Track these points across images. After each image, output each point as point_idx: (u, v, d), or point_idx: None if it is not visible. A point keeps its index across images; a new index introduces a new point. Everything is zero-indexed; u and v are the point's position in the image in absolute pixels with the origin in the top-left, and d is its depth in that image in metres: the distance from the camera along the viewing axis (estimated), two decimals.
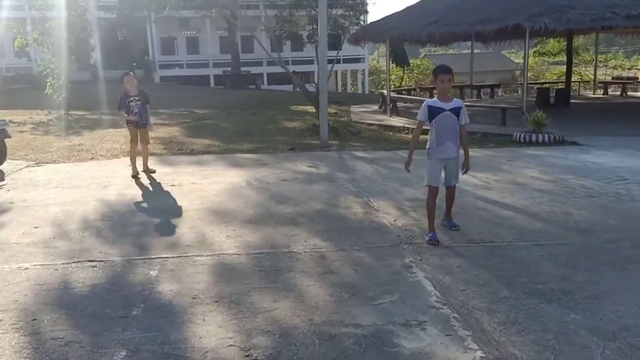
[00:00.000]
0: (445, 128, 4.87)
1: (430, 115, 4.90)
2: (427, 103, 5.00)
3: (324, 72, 9.72)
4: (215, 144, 10.65)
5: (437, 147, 4.95)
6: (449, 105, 4.88)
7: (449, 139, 4.91)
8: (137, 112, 7.38)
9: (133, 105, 7.37)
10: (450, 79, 4.98)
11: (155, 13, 30.10)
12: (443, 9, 13.20)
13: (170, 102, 21.01)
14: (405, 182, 7.07)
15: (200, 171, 7.91)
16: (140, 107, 7.41)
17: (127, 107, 7.36)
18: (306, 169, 8.03)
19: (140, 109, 7.40)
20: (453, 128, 4.91)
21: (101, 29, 35.44)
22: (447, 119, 4.85)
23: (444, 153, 4.95)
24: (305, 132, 12.32)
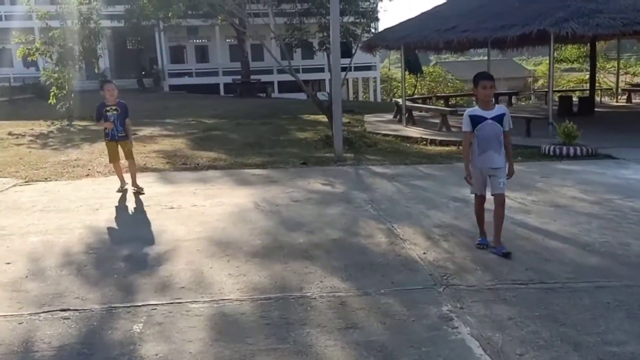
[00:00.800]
0: (488, 137, 4.61)
1: (472, 125, 4.66)
2: (468, 113, 4.74)
3: (337, 81, 8.97)
4: (222, 158, 9.92)
5: (479, 156, 4.68)
6: (491, 113, 4.63)
7: (491, 148, 4.63)
8: (113, 121, 6.82)
9: (109, 115, 6.82)
10: (492, 85, 4.67)
11: (163, 22, 29.73)
12: (460, 14, 12.42)
13: (178, 111, 20.41)
14: (430, 203, 6.27)
15: (204, 190, 7.16)
16: (117, 117, 6.84)
17: (103, 116, 6.85)
18: (320, 187, 7.26)
19: (116, 119, 6.83)
20: (496, 137, 4.63)
21: (110, 38, 35.09)
22: (490, 127, 4.60)
23: (487, 162, 4.67)
24: (318, 143, 11.56)
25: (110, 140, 6.94)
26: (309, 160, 9.43)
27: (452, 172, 8.16)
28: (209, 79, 34.50)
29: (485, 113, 4.60)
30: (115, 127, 6.84)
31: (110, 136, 6.91)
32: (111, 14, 29.85)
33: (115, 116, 6.83)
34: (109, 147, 7.01)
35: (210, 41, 36.70)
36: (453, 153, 10.34)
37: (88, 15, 19.16)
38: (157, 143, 11.77)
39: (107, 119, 6.81)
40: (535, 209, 6.02)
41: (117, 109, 6.84)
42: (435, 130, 12.96)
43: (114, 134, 6.88)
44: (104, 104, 6.84)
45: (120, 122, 6.86)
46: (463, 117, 4.74)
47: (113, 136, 6.90)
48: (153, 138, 12.57)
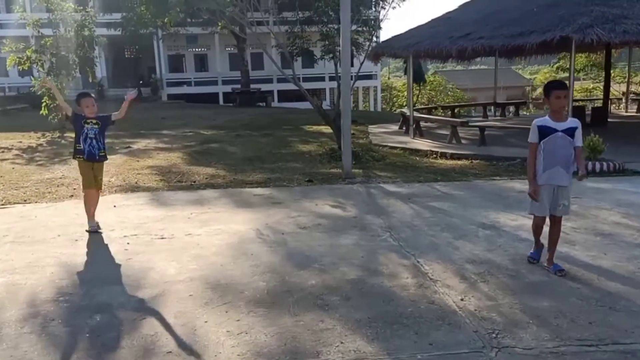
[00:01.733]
0: (556, 151, 4.22)
1: (540, 136, 4.26)
2: (536, 123, 4.32)
3: (347, 91, 8.19)
4: (220, 174, 9.12)
5: (544, 172, 4.28)
6: (563, 125, 4.22)
7: (559, 163, 4.24)
8: (93, 137, 5.58)
9: (88, 128, 5.56)
10: (566, 95, 4.32)
11: (162, 30, 29.01)
12: (474, 21, 11.67)
13: (176, 121, 19.61)
14: (457, 231, 5.46)
15: (200, 214, 6.35)
16: (98, 132, 5.61)
17: (79, 130, 5.59)
18: (329, 211, 6.45)
19: (97, 134, 5.61)
20: (565, 151, 4.24)
21: (107, 47, 34.35)
22: (559, 140, 4.21)
23: (552, 179, 4.27)
24: (323, 157, 10.76)
25: (86, 159, 5.60)
26: (314, 177, 8.63)
27: (472, 192, 7.36)
28: (208, 88, 33.74)
29: (557, 125, 4.20)
30: (96, 144, 5.63)
31: (88, 154, 5.58)
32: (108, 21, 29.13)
33: (96, 131, 5.61)
34: (84, 169, 5.67)
35: (209, 50, 35.97)
36: (467, 168, 9.55)
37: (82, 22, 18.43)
38: (151, 157, 10.95)
39: (84, 134, 5.55)
40: (579, 239, 5.21)
41: (97, 122, 5.64)
42: (445, 143, 12.18)
43: (92, 152, 5.60)
44: (81, 115, 5.61)
45: (102, 138, 5.68)
46: (531, 126, 4.32)
47: (91, 155, 5.60)
48: (147, 152, 11.76)
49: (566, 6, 10.52)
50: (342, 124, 8.21)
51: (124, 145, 12.68)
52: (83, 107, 5.58)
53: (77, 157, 5.68)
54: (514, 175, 8.57)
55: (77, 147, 5.65)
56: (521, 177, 8.45)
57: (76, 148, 5.66)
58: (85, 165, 5.68)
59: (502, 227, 5.53)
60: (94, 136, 5.62)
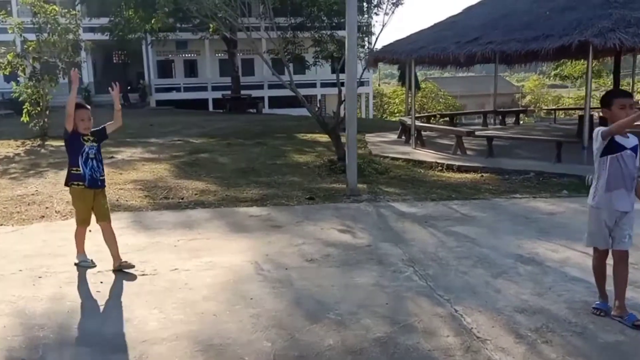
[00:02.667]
0: (623, 170, 3.55)
1: (608, 150, 3.54)
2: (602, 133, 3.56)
3: (352, 99, 7.29)
4: (211, 190, 8.18)
5: (605, 193, 3.58)
6: (629, 142, 3.56)
7: (624, 186, 3.58)
8: (93, 158, 4.49)
9: (88, 148, 4.48)
10: (632, 104, 3.56)
11: (150, 35, 28.00)
12: (481, 25, 10.87)
13: (164, 129, 18.61)
14: (492, 266, 4.58)
15: (188, 241, 5.42)
16: (97, 151, 4.59)
17: (77, 152, 4.46)
18: (338, 237, 5.55)
19: (97, 154, 4.56)
20: (631, 172, 3.58)
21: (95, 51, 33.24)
22: (628, 159, 3.55)
23: (615, 203, 3.58)
24: (321, 170, 9.86)
25: (88, 186, 4.47)
26: (315, 193, 7.72)
27: (495, 213, 6.50)
28: (198, 94, 32.73)
29: (624, 141, 3.54)
30: (97, 166, 4.52)
31: (90, 180, 4.46)
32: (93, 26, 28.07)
33: (96, 150, 4.55)
34: (83, 200, 4.55)
35: (199, 55, 34.96)
36: (479, 183, 8.71)
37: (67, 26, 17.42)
38: (136, 170, 9.97)
39: (85, 157, 4.45)
40: None
41: (94, 138, 4.58)
42: (450, 154, 11.35)
43: (95, 176, 4.48)
44: (77, 133, 4.47)
45: (101, 158, 4.65)
46: (593, 138, 3.64)
47: (94, 180, 4.49)
48: (132, 163, 10.76)
49: (582, 9, 9.75)
50: (347, 135, 7.32)
51: (107, 155, 11.65)
52: (77, 121, 4.47)
53: (75, 185, 4.50)
54: (534, 193, 7.74)
55: (74, 171, 4.47)
56: (542, 194, 7.63)
57: (73, 173, 4.48)
58: (84, 195, 4.52)
59: (544, 262, 4.67)
60: (94, 156, 4.52)
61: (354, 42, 7.19)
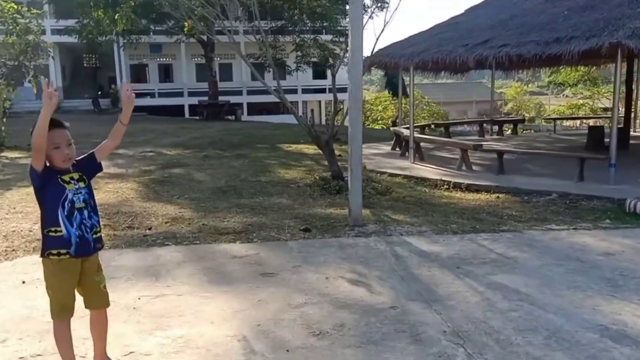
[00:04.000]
0: None
1: None
2: None
3: (357, 110, 6.00)
4: (186, 216, 6.81)
5: None
6: None
7: None
8: (83, 207, 2.83)
9: (71, 193, 2.80)
10: None
11: (122, 38, 26.36)
12: (490, 27, 9.76)
13: (135, 138, 17.06)
14: (572, 344, 3.33)
15: (152, 300, 4.05)
16: (88, 194, 2.91)
17: (53, 203, 2.76)
18: (350, 292, 4.24)
19: (88, 200, 2.88)
20: None
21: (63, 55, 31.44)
22: None
23: None
24: (314, 189, 8.55)
25: (75, 255, 2.80)
26: (311, 222, 6.41)
27: (537, 252, 5.27)
28: (173, 100, 31.13)
29: None
30: (89, 220, 2.85)
31: (77, 246, 2.79)
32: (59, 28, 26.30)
33: (85, 193, 2.88)
34: (63, 276, 2.81)
35: (174, 60, 33.37)
36: (497, 207, 7.52)
37: (26, 26, 15.85)
38: (97, 189, 8.49)
39: (70, 204, 2.78)
40: None
41: (81, 176, 2.92)
42: (454, 169, 10.18)
43: (86, 237, 2.82)
44: (51, 170, 2.79)
45: (94, 204, 2.95)
46: None
47: (85, 244, 2.81)
48: (94, 181, 9.28)
49: (604, 8, 8.68)
50: (350, 153, 6.02)
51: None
52: (49, 151, 2.74)
53: (55, 255, 2.76)
54: (569, 221, 6.56)
55: (51, 232, 2.75)
56: (579, 223, 6.46)
57: (49, 235, 2.76)
58: (69, 269, 2.79)
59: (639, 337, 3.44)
60: (84, 204, 2.84)
61: (359, 42, 5.92)
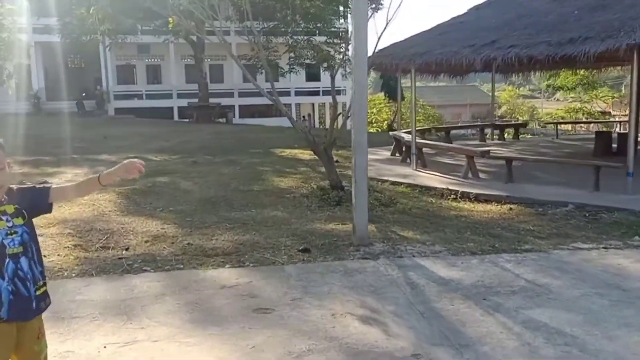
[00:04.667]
0: None
1: None
2: None
3: (362, 116, 5.29)
4: (169, 234, 6.09)
5: None
6: None
7: None
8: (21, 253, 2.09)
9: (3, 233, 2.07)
10: None
11: (109, 37, 25.53)
12: (495, 27, 9.13)
13: (121, 142, 16.31)
14: None
15: (121, 348, 3.33)
16: (28, 235, 2.15)
17: None
18: (361, 334, 3.54)
19: (28, 243, 2.14)
20: None
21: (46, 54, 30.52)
22: None
23: None
24: (311, 200, 7.86)
25: (9, 318, 2.06)
26: (310, 240, 5.72)
27: (571, 278, 4.60)
28: (162, 101, 30.30)
29: None
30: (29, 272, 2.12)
31: (11, 306, 2.06)
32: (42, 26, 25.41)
33: (23, 234, 2.14)
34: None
35: (163, 60, 32.55)
36: (512, 220, 6.88)
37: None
38: (71, 202, 7.77)
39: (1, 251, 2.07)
40: None
41: (18, 211, 2.16)
42: (459, 177, 9.53)
43: (21, 294, 2.09)
44: None
45: (35, 251, 2.17)
46: None
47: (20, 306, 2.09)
48: None
49: (616, 8, 8.09)
50: (354, 164, 5.33)
51: (39, 180, 9.40)
52: None
53: None
54: (594, 238, 5.92)
55: None
56: (606, 240, 5.82)
57: None
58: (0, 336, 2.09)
59: None
60: (21, 249, 2.12)
61: (364, 37, 5.22)
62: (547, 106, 48.95)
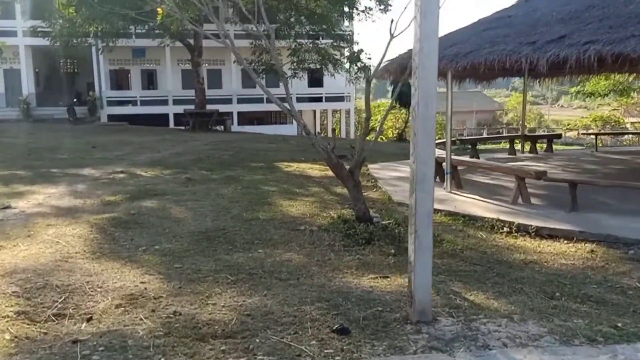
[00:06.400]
0: None
1: None
2: None
3: (428, 138, 3.60)
4: (149, 293, 4.41)
5: None
6: None
7: None
8: None
9: None
10: None
11: (101, 40, 23.90)
12: (560, 20, 7.49)
13: (108, 153, 14.62)
14: None
15: None
16: None
17: None
18: None
19: None
20: None
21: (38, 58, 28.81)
22: None
23: None
24: (333, 236, 6.17)
25: None
26: (345, 309, 4.04)
27: None
28: (157, 108, 28.61)
29: None
30: None
31: None
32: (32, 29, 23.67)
33: None
34: None
35: (159, 65, 30.89)
36: (605, 270, 5.23)
37: None
38: (30, 237, 6.06)
39: None
40: None
41: None
42: (506, 203, 7.88)
43: None
44: None
45: None
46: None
47: None
48: (32, 221, 6.83)
49: None
50: (414, 207, 3.65)
51: (2, 204, 7.68)
52: None
53: None
54: None
55: None
56: None
57: None
58: None
59: None
60: None
61: (435, 25, 3.56)
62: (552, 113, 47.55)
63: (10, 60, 28.45)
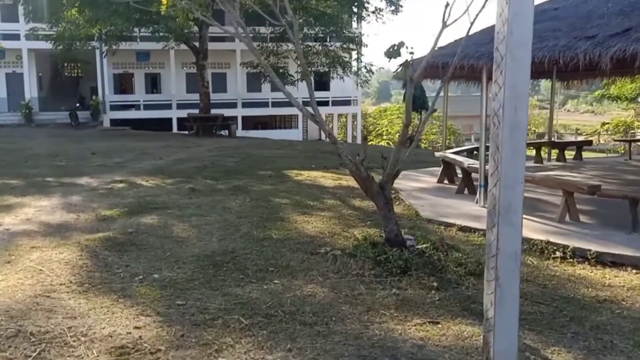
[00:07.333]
0: None
1: None
2: None
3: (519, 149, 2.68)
4: (144, 346, 3.46)
5: None
6: None
7: None
8: None
9: None
10: None
11: (104, 44, 23.05)
12: (619, 11, 6.56)
13: (108, 159, 13.70)
14: None
15: None
16: None
17: None
18: None
19: None
20: None
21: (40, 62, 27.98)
22: None
23: None
24: (361, 263, 5.20)
25: None
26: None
27: None
28: (161, 112, 27.73)
29: None
30: None
31: None
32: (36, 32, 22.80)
33: None
34: None
35: (163, 68, 30.03)
36: None
37: None
38: (10, 264, 5.11)
39: None
40: None
41: None
42: (551, 220, 6.91)
43: None
44: None
45: None
46: None
47: None
48: (15, 242, 5.88)
49: None
50: (494, 242, 2.72)
51: None
52: None
53: None
54: None
55: None
56: None
57: None
58: None
59: None
60: None
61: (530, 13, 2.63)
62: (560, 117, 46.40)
63: (13, 64, 27.67)
